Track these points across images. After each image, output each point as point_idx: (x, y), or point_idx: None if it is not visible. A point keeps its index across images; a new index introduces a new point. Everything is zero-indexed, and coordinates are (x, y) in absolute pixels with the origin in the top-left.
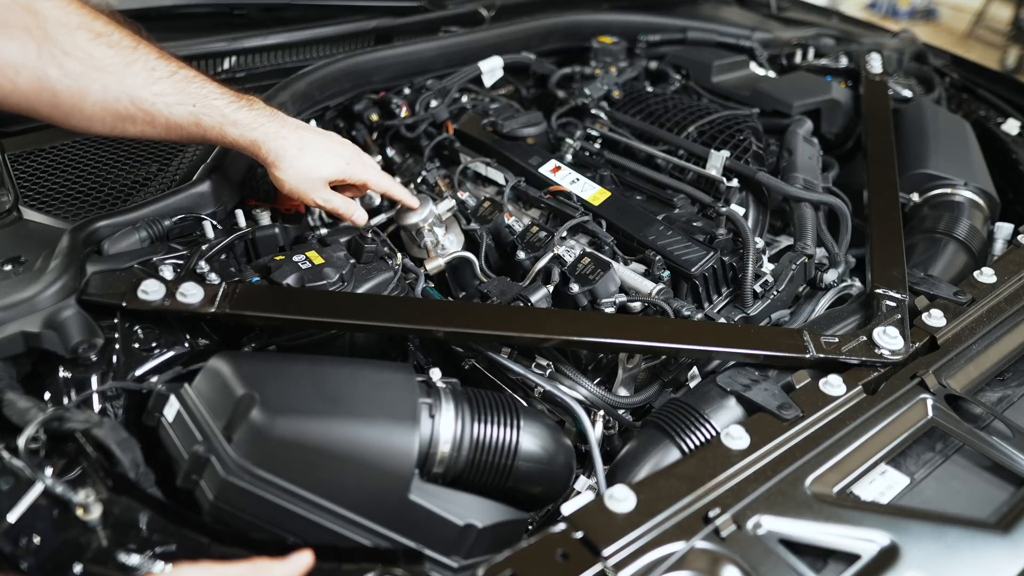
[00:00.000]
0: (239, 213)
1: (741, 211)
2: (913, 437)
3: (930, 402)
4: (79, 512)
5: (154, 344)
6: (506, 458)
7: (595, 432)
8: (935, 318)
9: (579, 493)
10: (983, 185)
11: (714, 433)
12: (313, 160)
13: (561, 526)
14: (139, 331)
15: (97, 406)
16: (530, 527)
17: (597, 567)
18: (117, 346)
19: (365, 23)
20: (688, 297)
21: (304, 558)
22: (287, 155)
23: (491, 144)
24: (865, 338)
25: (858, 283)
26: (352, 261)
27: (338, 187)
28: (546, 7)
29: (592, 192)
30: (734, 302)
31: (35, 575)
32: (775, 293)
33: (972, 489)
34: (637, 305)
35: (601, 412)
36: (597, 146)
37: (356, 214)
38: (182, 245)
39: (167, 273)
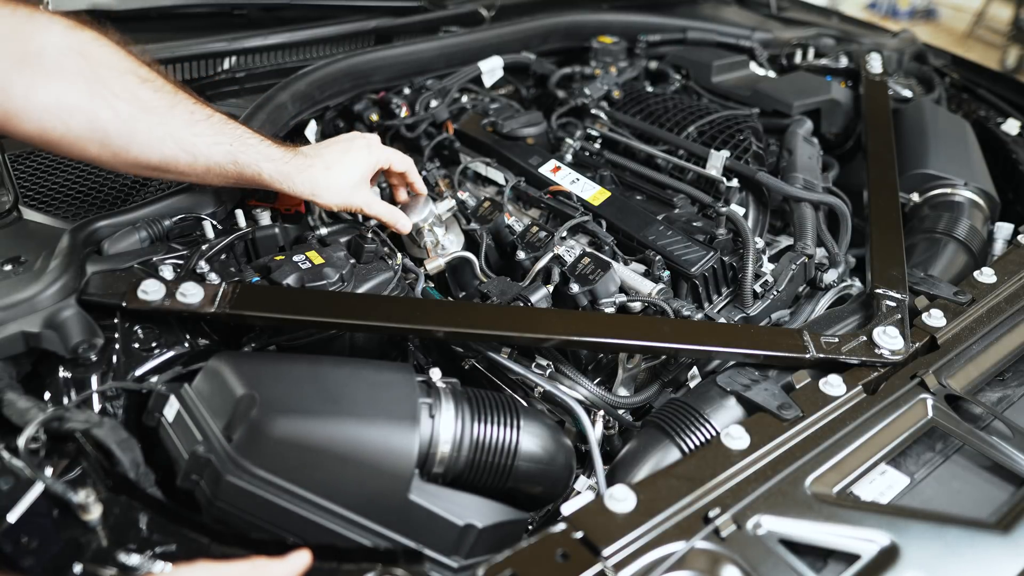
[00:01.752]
0: (239, 213)
1: (741, 211)
2: (913, 437)
3: (930, 402)
4: (79, 512)
5: (154, 344)
6: (506, 458)
7: (595, 432)
8: (935, 318)
9: (579, 493)
10: (983, 185)
11: (714, 433)
12: (342, 170)
13: (561, 526)
14: (139, 331)
15: (97, 406)
16: (530, 527)
17: (597, 567)
18: (117, 346)
19: (365, 23)
20: (688, 297)
21: (302, 557)
22: (318, 183)
23: (491, 144)
24: (865, 338)
25: (858, 283)
26: (352, 261)
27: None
28: (546, 7)
29: (592, 192)
30: (734, 302)
31: (35, 575)
32: (775, 293)
33: (972, 489)
34: (637, 305)
35: (601, 412)
36: (597, 146)
37: (400, 222)
38: (182, 245)
39: (167, 273)
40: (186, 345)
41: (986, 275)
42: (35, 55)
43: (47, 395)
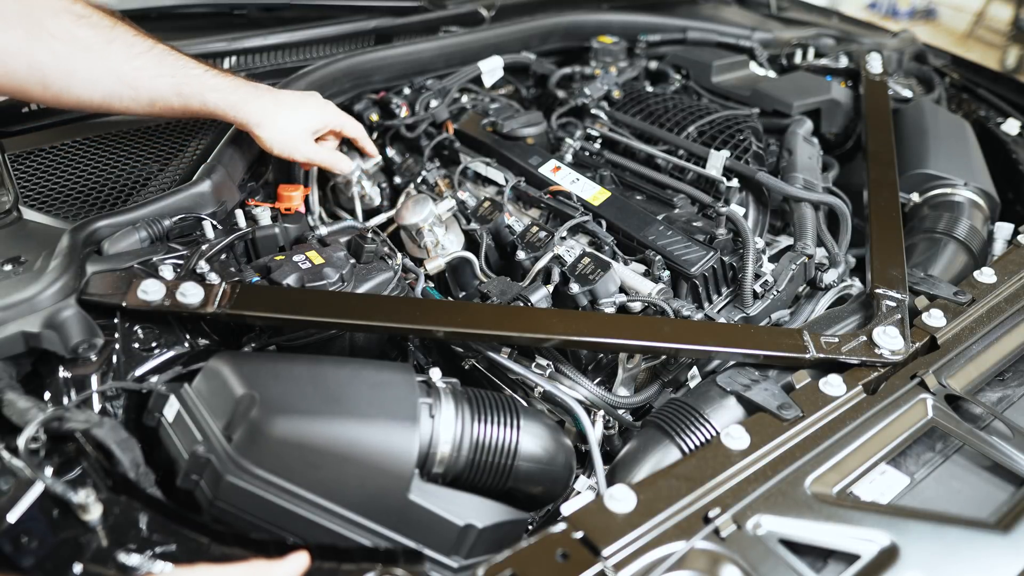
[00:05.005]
0: (239, 213)
1: (741, 211)
2: (913, 437)
3: (930, 402)
4: (79, 512)
5: (154, 344)
6: (506, 458)
7: (595, 432)
8: (935, 318)
9: (579, 493)
10: (983, 185)
11: (714, 433)
12: (292, 115)
13: (561, 526)
14: (139, 331)
15: (97, 406)
16: (530, 527)
17: (597, 567)
18: (117, 346)
19: (365, 23)
20: (688, 297)
21: (300, 559)
22: (267, 113)
23: (491, 144)
24: (865, 338)
25: (858, 283)
26: (352, 261)
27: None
28: (546, 7)
29: (592, 192)
30: (734, 302)
31: (35, 575)
32: (775, 293)
33: (972, 489)
34: (637, 305)
35: (601, 412)
36: (597, 146)
37: (341, 163)
38: (182, 245)
39: (167, 273)
40: (186, 345)
41: (986, 275)
42: None
43: (47, 395)
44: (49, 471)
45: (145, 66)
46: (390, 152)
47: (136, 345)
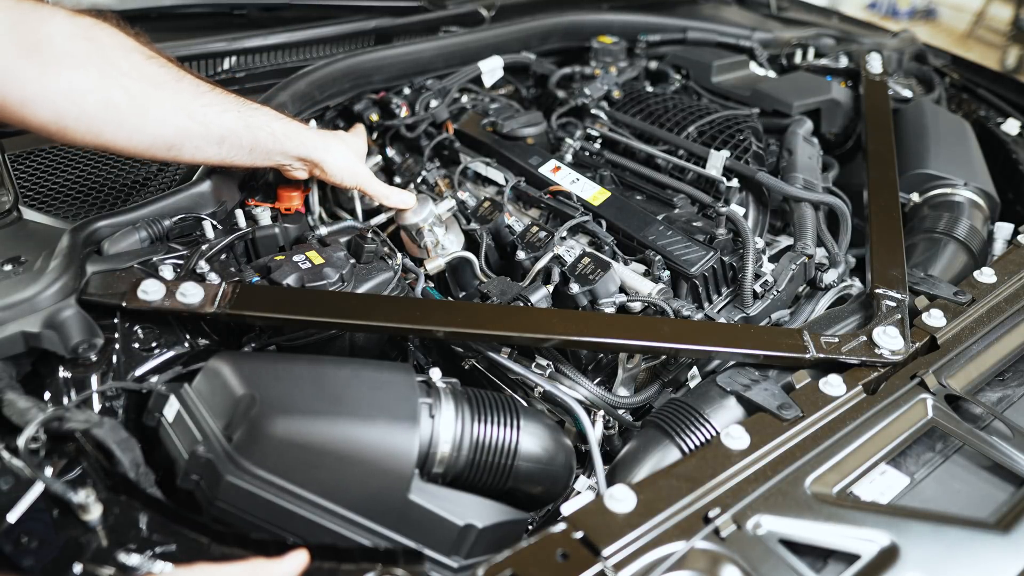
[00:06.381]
0: (239, 213)
1: (741, 211)
2: (913, 437)
3: (930, 402)
4: (79, 512)
5: (154, 344)
6: (506, 458)
7: (595, 432)
8: (935, 318)
9: (579, 493)
10: (983, 185)
11: (714, 433)
12: (351, 140)
13: (561, 526)
14: (139, 331)
15: (97, 406)
16: (530, 527)
17: (597, 567)
18: (117, 346)
19: (365, 23)
20: (688, 297)
21: (300, 558)
22: (330, 139)
23: (491, 144)
24: (865, 338)
25: (858, 283)
26: (352, 261)
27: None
28: (546, 7)
29: (592, 192)
30: (734, 302)
31: (35, 575)
32: (775, 293)
33: (972, 489)
34: (637, 305)
35: (601, 412)
36: (597, 146)
37: (401, 200)
38: (182, 245)
39: (167, 273)
40: (186, 345)
41: (986, 275)
42: (44, 43)
43: (47, 395)
44: (49, 471)
45: (212, 103)
46: (390, 152)
47: (136, 345)
